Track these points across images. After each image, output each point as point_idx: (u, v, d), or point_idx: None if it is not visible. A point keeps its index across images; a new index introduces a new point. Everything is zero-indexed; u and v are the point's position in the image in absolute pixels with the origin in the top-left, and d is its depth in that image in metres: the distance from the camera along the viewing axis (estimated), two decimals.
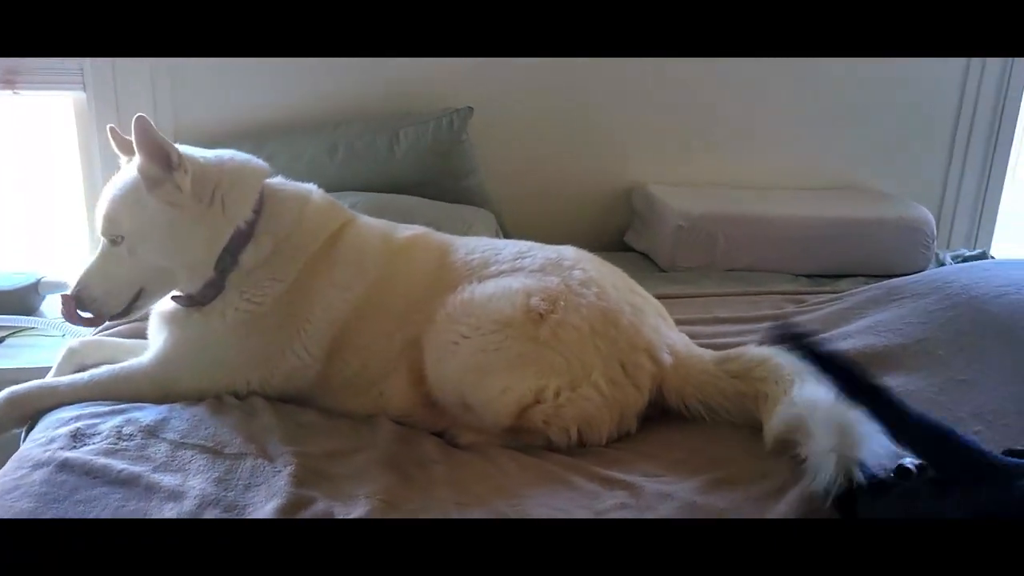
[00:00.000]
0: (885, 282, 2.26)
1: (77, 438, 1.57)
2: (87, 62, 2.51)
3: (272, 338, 1.75)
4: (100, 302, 1.69)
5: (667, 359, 1.69)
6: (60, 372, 1.92)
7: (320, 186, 1.92)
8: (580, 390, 1.62)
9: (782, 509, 1.37)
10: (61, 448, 1.52)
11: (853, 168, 3.03)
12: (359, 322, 1.77)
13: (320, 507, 1.40)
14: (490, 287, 1.73)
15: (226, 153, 1.81)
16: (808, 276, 2.63)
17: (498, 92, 2.69)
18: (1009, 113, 2.99)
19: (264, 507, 1.39)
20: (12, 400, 1.75)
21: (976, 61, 2.95)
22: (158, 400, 1.73)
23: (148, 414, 1.65)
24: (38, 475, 1.44)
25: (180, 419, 1.64)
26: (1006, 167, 3.07)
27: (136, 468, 1.47)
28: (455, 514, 1.40)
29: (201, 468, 1.49)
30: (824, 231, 2.62)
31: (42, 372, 1.93)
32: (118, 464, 1.47)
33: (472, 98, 2.60)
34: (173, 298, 1.78)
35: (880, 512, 1.26)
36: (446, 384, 1.69)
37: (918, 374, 1.78)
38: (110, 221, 1.70)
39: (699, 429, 1.67)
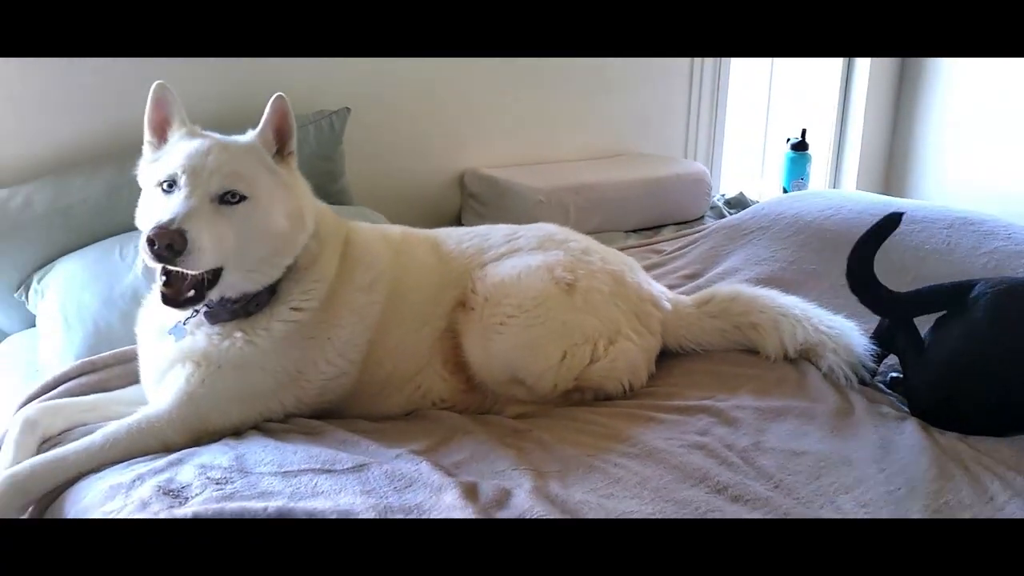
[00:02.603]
0: (715, 225, 2.78)
1: (172, 495, 1.43)
2: None
3: (307, 351, 1.71)
4: (201, 252, 1.49)
5: (667, 306, 1.99)
6: (20, 448, 1.65)
7: None
8: (619, 344, 1.84)
9: (831, 401, 1.77)
10: (171, 507, 1.39)
11: (617, 137, 3.53)
12: (387, 322, 1.80)
13: (489, 488, 1.47)
14: (509, 268, 1.87)
15: None
16: (634, 231, 3.07)
17: (342, 91, 2.71)
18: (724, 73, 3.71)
19: (442, 499, 1.42)
20: (15, 484, 1.51)
21: None
22: (185, 446, 1.62)
23: (213, 458, 1.55)
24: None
25: (254, 454, 1.56)
26: (725, 125, 3.81)
27: (277, 503, 1.40)
28: (599, 468, 1.55)
29: (336, 487, 1.46)
30: (638, 191, 3.07)
31: None
32: (255, 504, 1.40)
33: (314, 98, 2.59)
34: (216, 312, 1.66)
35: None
36: (494, 364, 1.80)
37: (805, 287, 2.28)
38: (236, 177, 1.56)
39: (695, 359, 1.99)
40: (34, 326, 2.21)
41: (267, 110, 1.64)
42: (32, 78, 2.27)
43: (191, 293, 1.57)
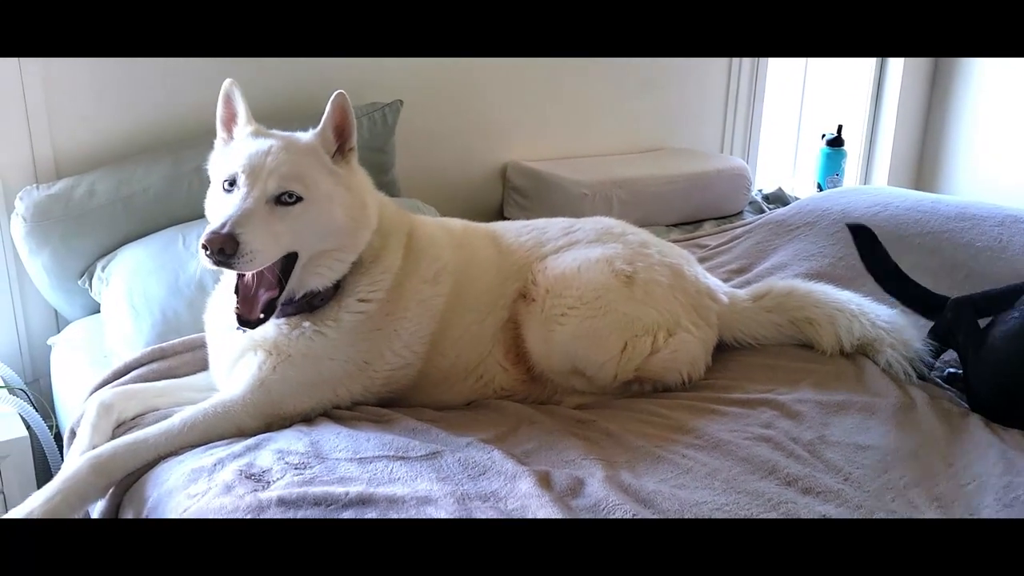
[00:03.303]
0: (758, 220, 2.79)
1: (255, 479, 1.47)
2: None
3: (375, 341, 1.75)
4: (253, 254, 1.52)
5: (724, 299, 2.01)
6: (97, 430, 1.69)
7: None
8: (678, 336, 1.87)
9: (892, 396, 1.79)
10: (255, 490, 1.43)
11: (656, 132, 3.55)
12: (451, 314, 1.83)
13: (562, 477, 1.50)
14: (569, 261, 1.89)
15: None
16: (674, 225, 3.09)
17: (388, 84, 2.73)
18: (762, 70, 3.72)
19: (518, 487, 1.45)
20: (97, 466, 1.55)
21: None
22: (259, 431, 1.66)
23: (289, 443, 1.58)
24: (269, 516, 1.35)
25: (328, 440, 1.60)
26: (762, 121, 3.82)
27: (357, 488, 1.43)
28: (667, 458, 1.57)
29: (422, 473, 1.49)
30: (680, 185, 3.09)
31: None
32: (336, 489, 1.43)
33: (362, 91, 2.61)
34: (283, 306, 1.68)
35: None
36: (555, 355, 1.83)
37: (855, 283, 2.30)
38: (293, 178, 1.59)
39: (751, 353, 2.02)
40: (96, 313, 2.26)
41: (327, 108, 1.67)
42: (95, 70, 2.31)
43: (262, 315, 1.62)
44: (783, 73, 4.07)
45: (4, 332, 2.33)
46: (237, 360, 1.73)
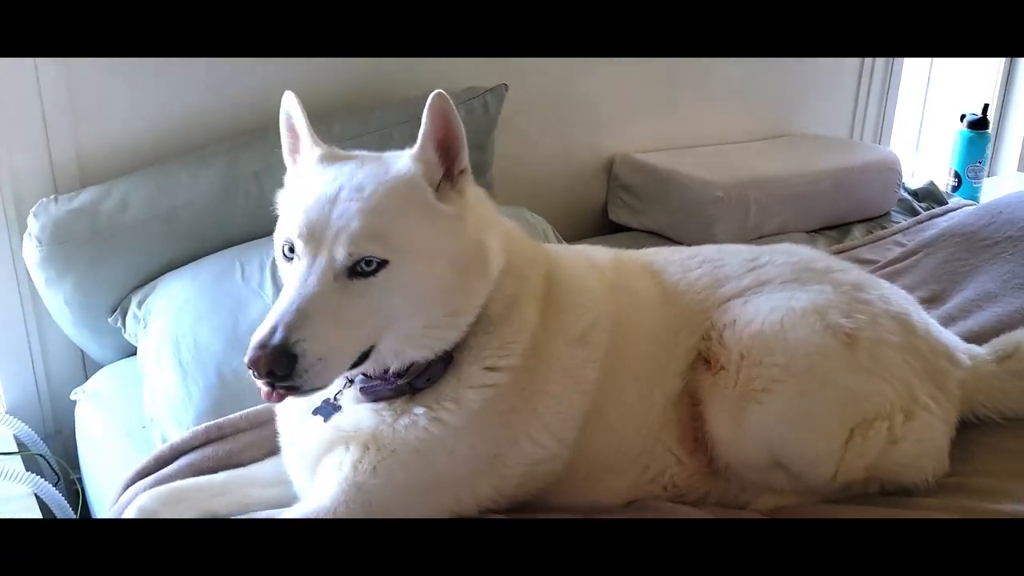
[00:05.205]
0: (934, 229, 2.27)
1: None
2: None
3: (508, 427, 1.28)
4: (326, 362, 1.08)
5: (965, 361, 1.50)
6: None
7: None
8: (918, 417, 1.37)
9: None
10: None
11: (778, 115, 3.00)
12: (607, 385, 1.34)
13: None
14: (766, 312, 1.39)
15: None
16: (816, 231, 2.57)
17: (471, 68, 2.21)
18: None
19: None
20: None
21: None
22: None
23: None
24: None
25: None
26: (897, 101, 3.27)
27: None
28: None
29: None
30: (825, 183, 2.56)
31: None
32: None
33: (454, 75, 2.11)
34: (370, 386, 1.23)
35: None
36: (748, 443, 1.34)
37: None
38: (370, 237, 1.10)
39: (997, 433, 1.51)
40: (132, 355, 1.80)
41: (424, 117, 1.15)
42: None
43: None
44: None
45: (18, 379, 1.87)
46: (321, 455, 1.26)
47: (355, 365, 1.15)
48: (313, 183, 1.16)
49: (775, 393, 1.33)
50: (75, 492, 1.87)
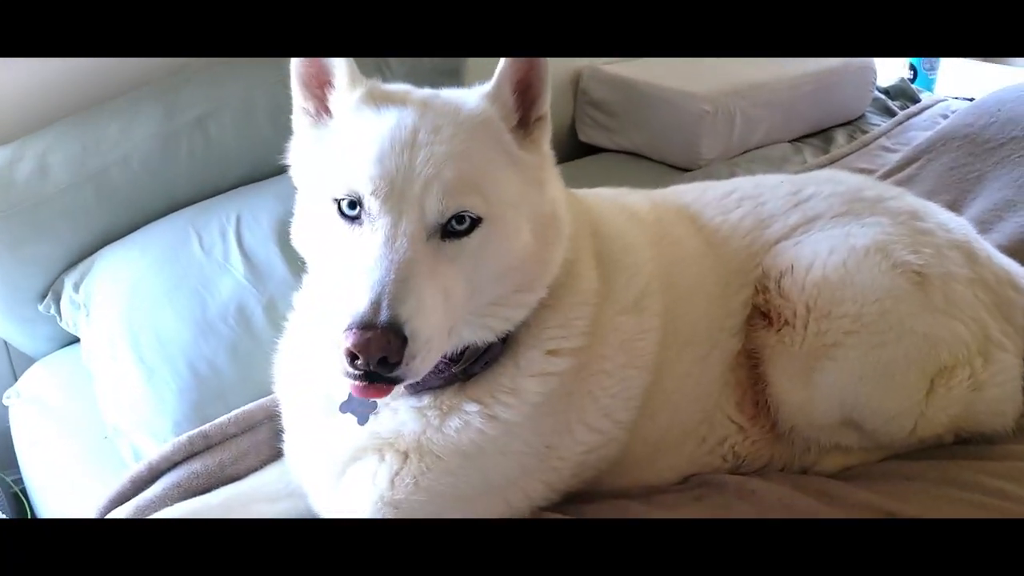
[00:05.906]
0: (937, 133, 2.12)
1: None
2: None
3: (561, 414, 1.10)
4: (432, 342, 0.87)
5: None
6: None
7: None
8: (995, 357, 1.25)
9: None
10: None
11: None
12: (665, 355, 1.17)
13: None
14: (825, 254, 1.23)
15: None
16: (798, 140, 2.42)
17: None
18: None
19: None
20: None
21: None
22: None
23: None
24: None
25: None
26: None
27: None
28: None
29: None
30: (806, 88, 2.40)
31: None
32: None
33: None
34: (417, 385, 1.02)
35: None
36: (820, 403, 1.21)
37: None
38: (469, 188, 0.90)
39: None
40: (72, 343, 1.53)
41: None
42: None
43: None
44: None
45: None
46: (348, 463, 1.06)
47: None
48: (372, 126, 0.93)
49: (848, 347, 1.18)
50: (13, 495, 1.64)
